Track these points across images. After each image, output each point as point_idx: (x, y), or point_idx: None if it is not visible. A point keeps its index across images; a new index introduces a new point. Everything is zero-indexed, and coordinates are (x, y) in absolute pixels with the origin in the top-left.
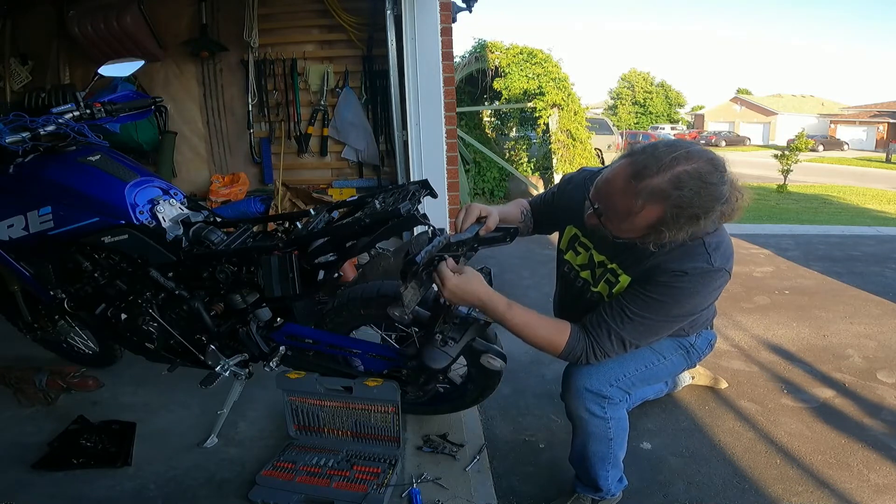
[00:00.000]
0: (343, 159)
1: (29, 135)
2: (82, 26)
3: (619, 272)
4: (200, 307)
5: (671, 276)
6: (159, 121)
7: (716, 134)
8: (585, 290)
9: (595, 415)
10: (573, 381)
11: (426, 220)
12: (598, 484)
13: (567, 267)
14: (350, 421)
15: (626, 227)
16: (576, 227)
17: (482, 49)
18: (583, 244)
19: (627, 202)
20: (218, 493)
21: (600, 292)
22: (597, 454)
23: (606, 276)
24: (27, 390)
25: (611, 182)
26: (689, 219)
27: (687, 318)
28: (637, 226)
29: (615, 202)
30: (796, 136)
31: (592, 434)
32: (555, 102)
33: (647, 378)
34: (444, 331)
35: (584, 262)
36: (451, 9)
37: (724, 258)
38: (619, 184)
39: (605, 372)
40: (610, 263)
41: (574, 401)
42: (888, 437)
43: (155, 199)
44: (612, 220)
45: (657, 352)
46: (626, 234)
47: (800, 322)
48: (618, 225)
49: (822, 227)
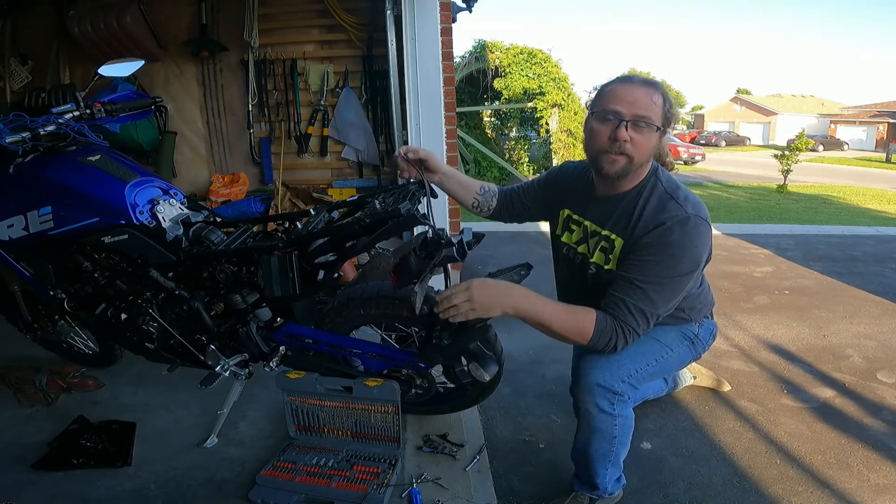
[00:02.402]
0: (343, 159)
1: (29, 135)
2: (82, 26)
3: (612, 237)
4: (200, 307)
5: (654, 234)
6: (159, 121)
7: (716, 134)
8: (586, 264)
9: (604, 411)
10: (585, 375)
11: (426, 220)
12: (596, 482)
13: (565, 248)
14: (350, 421)
15: (653, 117)
16: (568, 209)
17: (482, 49)
18: (575, 221)
19: (644, 93)
20: (218, 493)
21: (597, 262)
22: (599, 451)
23: (601, 243)
24: (27, 390)
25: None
26: (671, 107)
27: (690, 277)
28: (656, 110)
29: (636, 97)
30: (796, 136)
31: (598, 430)
32: (555, 102)
33: (658, 372)
34: (441, 335)
35: (580, 237)
36: (451, 9)
37: (695, 207)
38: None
39: (617, 367)
40: (602, 230)
41: (584, 395)
42: (888, 437)
43: (155, 199)
44: (638, 115)
45: (665, 345)
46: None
47: (800, 322)
48: (644, 115)
49: (822, 227)
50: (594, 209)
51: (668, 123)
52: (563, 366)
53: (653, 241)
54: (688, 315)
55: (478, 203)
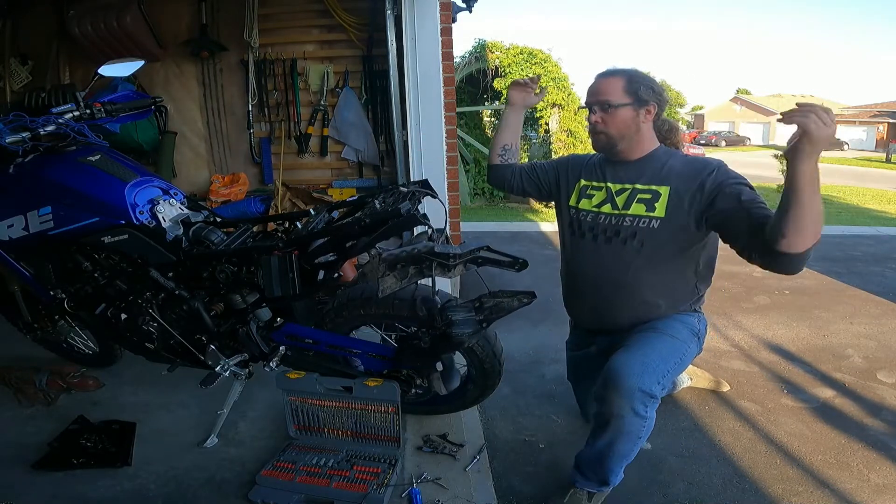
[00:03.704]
0: (343, 159)
1: (29, 135)
2: (82, 26)
3: (654, 188)
4: (200, 307)
5: (714, 175)
6: (159, 121)
7: (716, 134)
8: (614, 223)
9: (638, 414)
10: (624, 380)
11: (426, 220)
12: (608, 479)
13: (582, 214)
14: (350, 421)
15: (613, 98)
16: (584, 179)
17: (482, 49)
18: (595, 187)
19: (600, 81)
20: (218, 493)
21: (635, 213)
22: (620, 452)
23: (638, 195)
24: (27, 390)
25: (589, 87)
26: (645, 85)
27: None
28: (615, 90)
29: (595, 87)
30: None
31: (627, 433)
32: (555, 102)
33: (680, 369)
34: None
35: (602, 199)
36: (451, 9)
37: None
38: (592, 82)
39: (653, 370)
40: (637, 184)
41: (621, 400)
42: (888, 437)
43: (155, 199)
44: (599, 100)
45: (682, 342)
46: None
47: (800, 322)
48: (605, 99)
49: None
50: (615, 172)
51: (639, 99)
52: (563, 366)
53: (721, 179)
54: (699, 305)
55: (505, 153)
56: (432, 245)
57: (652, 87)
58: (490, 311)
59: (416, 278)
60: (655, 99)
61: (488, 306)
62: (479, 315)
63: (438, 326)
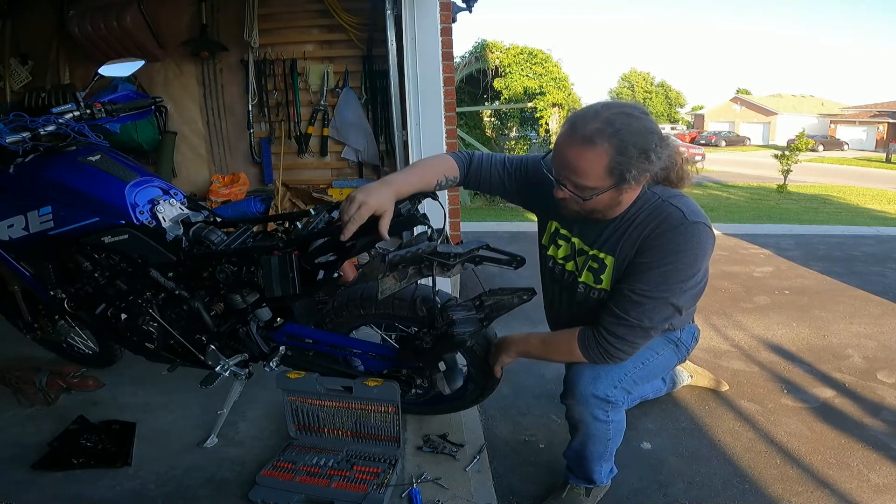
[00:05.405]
0: (343, 159)
1: (29, 135)
2: (82, 26)
3: (601, 255)
4: (200, 307)
5: (653, 239)
6: (159, 121)
7: (716, 134)
8: (574, 283)
9: (598, 419)
10: (578, 387)
11: (426, 220)
12: (592, 478)
13: (551, 262)
14: (350, 421)
15: (589, 182)
16: (556, 222)
17: (482, 49)
18: (563, 236)
19: (576, 154)
20: (218, 493)
21: (585, 282)
22: (594, 453)
23: (589, 262)
24: (27, 390)
25: (558, 146)
26: (637, 153)
27: (685, 285)
28: (594, 173)
29: (567, 159)
30: (796, 136)
31: (593, 436)
32: (555, 102)
33: (645, 375)
34: (423, 339)
35: (567, 254)
36: (451, 9)
37: (694, 213)
38: (563, 142)
39: (607, 375)
40: (591, 249)
41: (578, 406)
42: (888, 437)
43: (155, 199)
44: (572, 181)
45: (650, 348)
46: (593, 192)
47: (800, 322)
48: (580, 183)
49: (822, 227)
50: (583, 228)
51: (625, 180)
52: (562, 366)
53: (654, 246)
54: (674, 326)
55: (446, 185)
56: (432, 245)
57: (646, 154)
58: (490, 309)
59: (416, 278)
60: (648, 169)
61: (488, 304)
62: (479, 313)
63: (439, 326)
